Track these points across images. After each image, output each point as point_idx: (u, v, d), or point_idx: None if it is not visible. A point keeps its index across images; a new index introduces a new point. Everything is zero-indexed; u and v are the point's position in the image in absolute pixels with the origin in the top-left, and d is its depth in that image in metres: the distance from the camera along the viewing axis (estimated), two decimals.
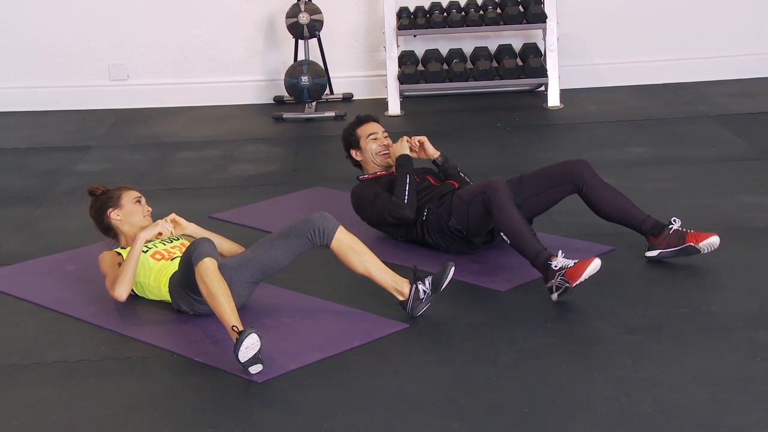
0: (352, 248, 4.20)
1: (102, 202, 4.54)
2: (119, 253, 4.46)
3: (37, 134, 7.34)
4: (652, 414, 3.42)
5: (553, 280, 4.21)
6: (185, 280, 4.12)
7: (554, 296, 4.22)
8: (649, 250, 4.61)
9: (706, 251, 4.52)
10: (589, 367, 3.77)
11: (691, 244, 4.51)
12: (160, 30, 7.88)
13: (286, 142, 6.97)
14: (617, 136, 6.75)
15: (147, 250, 4.40)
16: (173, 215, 4.49)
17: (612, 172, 5.64)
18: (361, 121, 5.14)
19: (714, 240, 4.51)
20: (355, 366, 3.84)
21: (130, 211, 4.51)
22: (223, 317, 3.85)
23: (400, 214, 4.76)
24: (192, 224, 4.52)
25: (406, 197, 4.76)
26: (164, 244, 4.47)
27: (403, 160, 4.90)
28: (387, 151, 5.03)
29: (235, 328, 3.78)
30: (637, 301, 4.27)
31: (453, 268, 4.21)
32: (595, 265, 4.16)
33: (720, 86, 7.84)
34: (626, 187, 5.07)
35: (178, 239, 4.52)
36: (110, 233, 4.57)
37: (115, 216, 4.52)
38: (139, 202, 4.55)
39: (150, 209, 4.58)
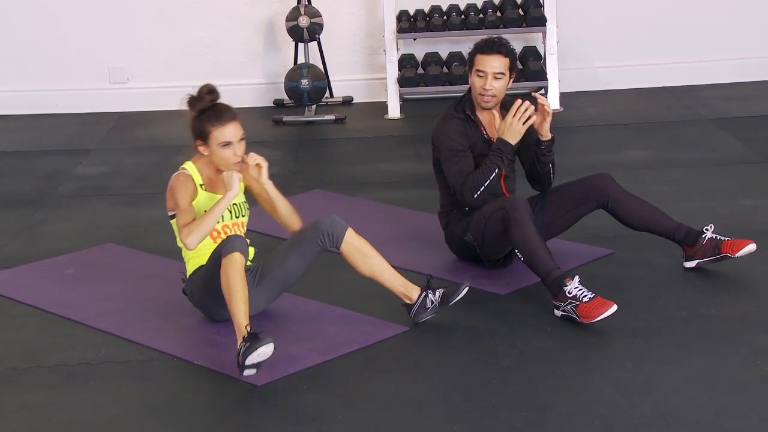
0: (361, 251, 4.15)
1: (194, 126, 4.13)
2: (192, 179, 4.16)
3: (37, 137, 7.34)
4: (652, 417, 3.42)
5: (563, 304, 4.10)
6: (209, 274, 4.03)
7: (558, 312, 4.14)
8: (686, 260, 4.54)
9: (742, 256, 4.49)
10: (589, 370, 3.77)
11: (727, 254, 4.44)
12: (160, 33, 7.88)
13: (286, 146, 6.97)
14: (617, 140, 6.75)
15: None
16: (261, 159, 4.20)
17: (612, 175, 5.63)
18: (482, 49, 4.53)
19: (750, 248, 4.44)
20: (355, 369, 3.84)
21: (215, 152, 4.13)
22: (236, 315, 3.81)
23: (462, 200, 4.50)
24: (271, 185, 4.24)
25: (480, 192, 4.45)
26: (222, 221, 4.18)
27: (502, 145, 4.46)
28: (491, 95, 4.50)
29: (248, 327, 3.75)
30: (637, 304, 4.26)
31: (467, 288, 4.13)
32: (612, 310, 4.02)
33: (720, 89, 7.83)
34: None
35: (239, 216, 4.25)
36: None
37: (202, 150, 4.16)
38: (228, 145, 4.12)
39: (240, 155, 4.14)
